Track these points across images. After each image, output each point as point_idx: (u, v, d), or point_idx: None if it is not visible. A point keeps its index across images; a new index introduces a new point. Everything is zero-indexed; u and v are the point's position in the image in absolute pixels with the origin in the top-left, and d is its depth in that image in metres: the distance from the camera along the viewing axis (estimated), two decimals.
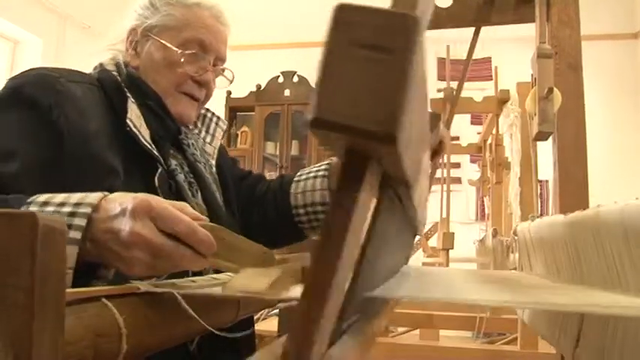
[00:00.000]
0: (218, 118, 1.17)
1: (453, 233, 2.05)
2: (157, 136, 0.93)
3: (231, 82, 1.11)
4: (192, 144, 1.02)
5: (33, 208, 0.61)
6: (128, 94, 0.91)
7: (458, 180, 4.79)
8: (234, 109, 5.58)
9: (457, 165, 4.80)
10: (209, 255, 0.61)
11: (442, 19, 1.44)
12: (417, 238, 3.33)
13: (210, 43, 1.01)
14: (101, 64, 0.98)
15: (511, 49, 4.29)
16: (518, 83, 2.22)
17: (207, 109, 1.15)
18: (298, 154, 5.47)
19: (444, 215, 2.22)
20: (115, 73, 0.95)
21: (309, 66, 5.51)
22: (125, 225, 0.58)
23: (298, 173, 1.15)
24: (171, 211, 0.60)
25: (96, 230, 0.59)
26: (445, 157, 2.55)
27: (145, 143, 0.87)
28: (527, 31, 1.51)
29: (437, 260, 2.50)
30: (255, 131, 5.46)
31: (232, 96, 5.48)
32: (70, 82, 0.86)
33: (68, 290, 0.43)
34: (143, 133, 0.88)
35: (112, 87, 0.92)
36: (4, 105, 0.81)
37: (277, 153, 5.44)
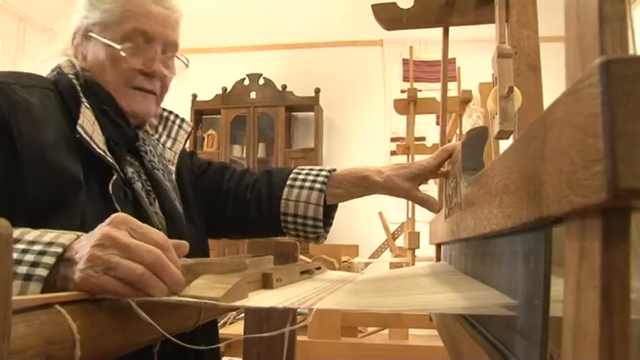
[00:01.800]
0: (182, 120, 1.13)
1: (419, 233, 2.06)
2: (113, 142, 0.90)
3: (187, 66, 1.05)
4: (150, 150, 0.99)
5: None
6: (83, 99, 0.88)
7: None
8: (200, 112, 5.54)
9: None
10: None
11: (403, 21, 1.45)
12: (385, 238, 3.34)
13: (154, 32, 0.95)
14: (59, 67, 0.94)
15: (473, 50, 4.35)
16: (480, 84, 2.24)
17: (171, 112, 1.11)
18: (265, 157, 5.45)
19: (410, 215, 2.23)
20: (71, 76, 0.92)
21: (274, 68, 5.50)
22: (96, 232, 0.55)
23: (291, 176, 1.10)
24: (150, 228, 0.57)
25: (65, 267, 0.55)
26: (409, 157, 2.56)
27: (98, 150, 0.84)
28: (489, 32, 1.52)
29: (404, 260, 2.51)
30: (222, 134, 5.43)
31: (198, 99, 5.44)
32: (24, 87, 0.82)
33: (19, 297, 0.42)
34: (96, 139, 0.85)
35: (68, 91, 0.89)
36: None
37: (244, 156, 5.42)
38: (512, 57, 1.17)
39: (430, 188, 4.91)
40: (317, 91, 5.32)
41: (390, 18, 1.37)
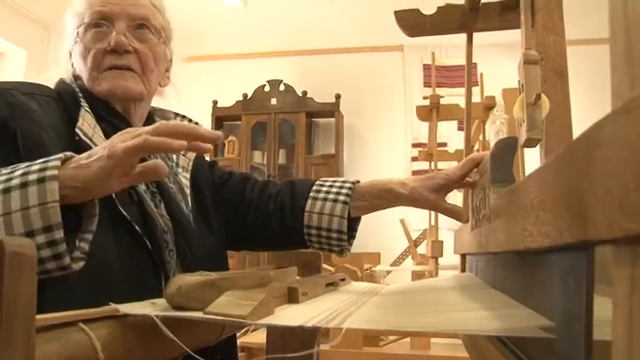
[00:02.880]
0: (195, 124, 1.13)
1: (442, 241, 2.04)
2: None
3: (161, 36, 1.02)
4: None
5: None
6: (83, 103, 0.89)
7: None
8: (221, 118, 5.56)
9: None
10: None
11: (426, 27, 1.43)
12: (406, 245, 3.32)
13: (112, 11, 0.95)
14: (62, 79, 0.96)
15: (494, 55, 4.31)
16: (503, 89, 2.21)
17: (184, 117, 1.10)
18: (285, 163, 5.45)
19: (433, 223, 2.21)
20: (73, 85, 0.94)
21: (295, 74, 5.51)
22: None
23: (314, 187, 1.08)
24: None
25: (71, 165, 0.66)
26: (432, 163, 2.54)
27: None
28: (510, 36, 1.50)
29: (426, 268, 2.49)
30: (242, 140, 5.44)
31: (218, 105, 5.46)
32: (24, 94, 0.84)
33: (41, 316, 0.41)
34: (97, 142, 0.86)
35: (69, 98, 0.91)
36: None
37: (264, 162, 5.42)
38: (538, 63, 1.15)
39: (452, 195, 4.88)
40: (337, 97, 5.31)
41: (412, 24, 1.35)
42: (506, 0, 1.38)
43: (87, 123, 0.87)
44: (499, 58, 4.41)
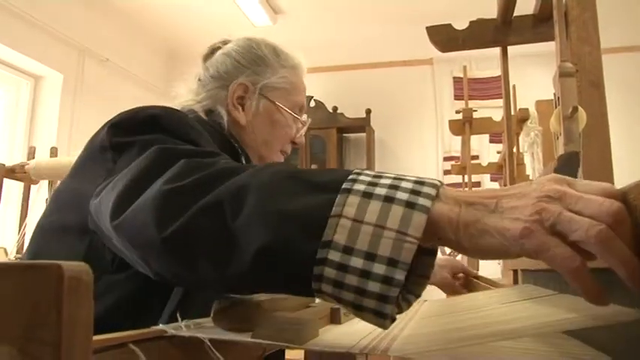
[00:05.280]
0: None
1: None
2: None
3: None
4: None
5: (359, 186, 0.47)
6: (240, 152, 0.96)
7: None
8: None
9: (477, 184, 4.77)
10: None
11: (459, 42, 1.43)
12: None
13: (305, 105, 1.07)
14: (194, 112, 0.98)
15: (524, 66, 4.26)
16: (537, 101, 2.20)
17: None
18: None
19: None
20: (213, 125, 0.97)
21: (325, 90, 5.53)
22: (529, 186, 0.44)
23: None
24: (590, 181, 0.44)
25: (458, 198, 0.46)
26: (466, 176, 2.52)
27: None
28: (540, 47, 1.49)
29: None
30: None
31: None
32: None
33: (96, 338, 0.42)
34: None
35: (222, 138, 0.94)
36: (148, 129, 0.72)
37: None
38: (574, 75, 1.14)
39: None
40: (368, 111, 5.31)
41: (445, 40, 1.36)
42: (538, 12, 1.38)
43: None
44: (529, 69, 4.37)
